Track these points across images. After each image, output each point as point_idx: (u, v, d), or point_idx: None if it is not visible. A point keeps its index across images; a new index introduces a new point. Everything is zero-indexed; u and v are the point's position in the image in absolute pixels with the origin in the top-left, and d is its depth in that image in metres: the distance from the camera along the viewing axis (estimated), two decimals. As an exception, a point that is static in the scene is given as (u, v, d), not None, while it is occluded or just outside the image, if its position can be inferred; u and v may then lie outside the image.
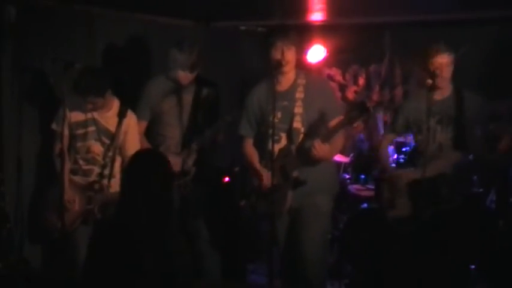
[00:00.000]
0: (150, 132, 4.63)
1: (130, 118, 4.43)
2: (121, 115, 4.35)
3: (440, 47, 4.20)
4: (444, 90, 4.29)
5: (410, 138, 5.21)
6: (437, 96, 4.28)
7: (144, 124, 4.59)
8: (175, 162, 4.32)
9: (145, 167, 3.08)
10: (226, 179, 5.37)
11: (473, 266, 4.56)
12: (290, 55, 4.02)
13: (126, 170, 3.19)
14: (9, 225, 4.46)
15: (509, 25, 5.28)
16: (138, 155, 3.32)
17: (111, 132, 4.35)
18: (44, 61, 4.58)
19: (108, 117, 4.36)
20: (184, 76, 4.46)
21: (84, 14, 4.90)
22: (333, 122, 3.96)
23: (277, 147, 4.01)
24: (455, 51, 4.24)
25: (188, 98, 4.58)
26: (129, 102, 4.47)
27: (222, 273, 4.74)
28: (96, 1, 4.82)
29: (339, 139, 4.05)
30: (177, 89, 4.53)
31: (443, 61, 4.18)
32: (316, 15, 5.65)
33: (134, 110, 4.49)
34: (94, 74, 4.24)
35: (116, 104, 4.39)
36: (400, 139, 5.30)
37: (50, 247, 4.56)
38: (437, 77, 4.18)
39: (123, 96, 4.45)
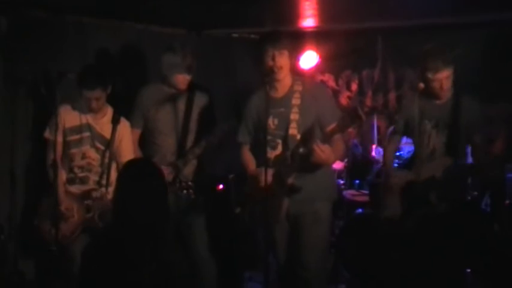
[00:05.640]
0: (145, 141, 4.60)
1: (124, 125, 4.42)
2: (115, 121, 4.35)
3: (438, 64, 4.19)
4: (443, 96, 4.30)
5: (404, 143, 5.22)
6: (436, 100, 4.29)
7: (138, 132, 4.56)
8: (170, 171, 4.32)
9: (138, 176, 3.04)
10: (221, 186, 5.36)
11: (468, 270, 4.56)
12: (282, 60, 3.97)
13: (118, 180, 3.15)
14: (2, 237, 4.44)
15: (500, 28, 5.29)
16: (130, 164, 3.29)
17: (106, 138, 4.34)
18: (36, 71, 4.58)
19: (103, 123, 4.36)
20: (183, 79, 4.42)
21: (76, 24, 4.89)
22: (328, 128, 3.89)
23: (273, 154, 4.01)
24: (451, 55, 4.25)
25: (181, 105, 4.55)
26: (122, 111, 4.46)
27: (219, 282, 4.72)
28: (87, 12, 4.81)
29: (339, 144, 3.99)
30: (171, 97, 4.51)
31: (442, 76, 4.20)
32: (308, 22, 5.65)
33: (128, 119, 4.48)
34: (98, 68, 4.39)
35: (109, 110, 4.40)
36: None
37: (46, 258, 4.52)
38: (438, 91, 4.21)
39: (116, 105, 4.44)
